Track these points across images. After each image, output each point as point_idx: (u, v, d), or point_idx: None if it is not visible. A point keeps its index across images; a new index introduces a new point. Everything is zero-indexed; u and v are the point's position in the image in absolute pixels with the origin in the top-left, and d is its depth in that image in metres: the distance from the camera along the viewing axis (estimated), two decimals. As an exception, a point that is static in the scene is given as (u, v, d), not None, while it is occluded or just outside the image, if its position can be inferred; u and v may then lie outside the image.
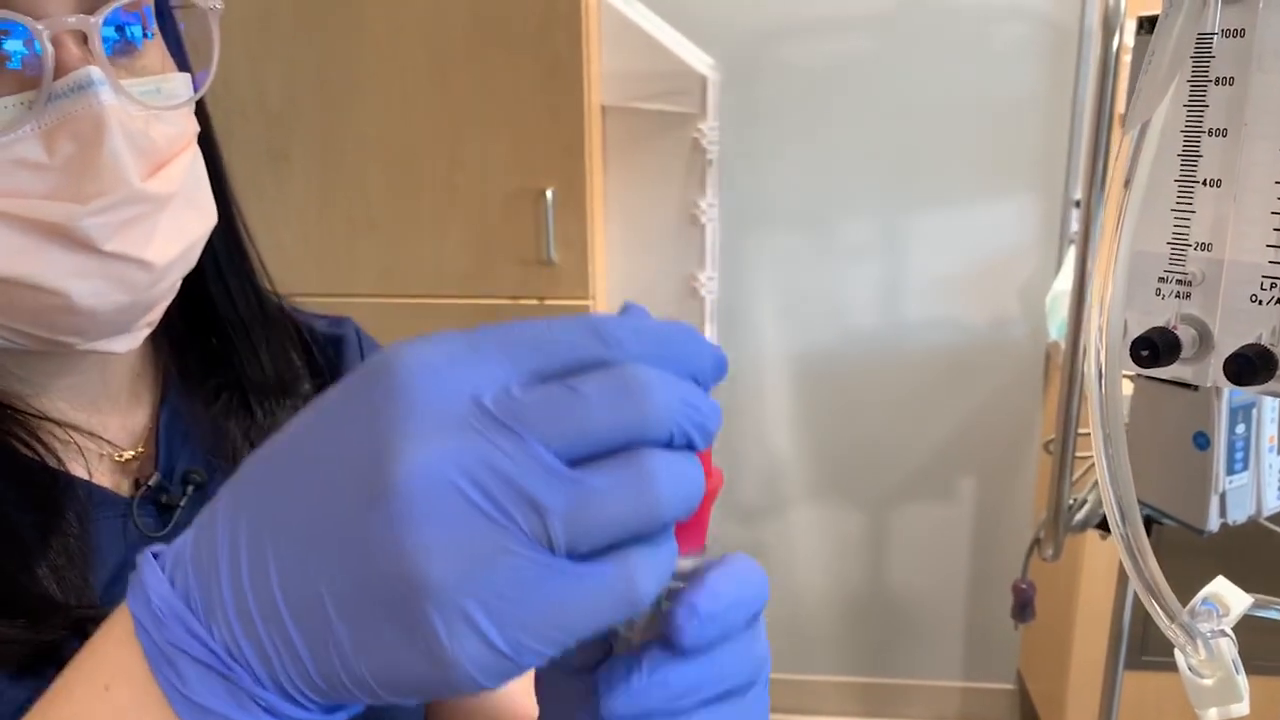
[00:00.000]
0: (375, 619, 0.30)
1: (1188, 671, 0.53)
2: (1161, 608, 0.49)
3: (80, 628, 0.50)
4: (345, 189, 1.64)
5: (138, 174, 0.49)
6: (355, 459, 0.31)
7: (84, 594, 0.51)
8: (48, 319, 0.50)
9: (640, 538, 0.32)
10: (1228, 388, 0.46)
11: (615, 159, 1.68)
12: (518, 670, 0.31)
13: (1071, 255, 2.11)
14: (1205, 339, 0.42)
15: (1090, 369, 0.42)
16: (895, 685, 2.51)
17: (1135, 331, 0.43)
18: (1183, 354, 0.42)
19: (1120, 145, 0.40)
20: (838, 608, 2.48)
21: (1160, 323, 0.42)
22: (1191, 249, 0.42)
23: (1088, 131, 1.30)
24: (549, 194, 1.56)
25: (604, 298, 1.71)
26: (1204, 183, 0.41)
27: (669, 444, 0.32)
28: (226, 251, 0.64)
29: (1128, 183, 0.39)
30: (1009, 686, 2.48)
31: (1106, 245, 0.42)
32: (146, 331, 0.55)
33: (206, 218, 0.56)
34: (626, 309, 0.35)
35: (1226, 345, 0.41)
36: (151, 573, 0.34)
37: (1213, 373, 0.42)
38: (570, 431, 0.31)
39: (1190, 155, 0.41)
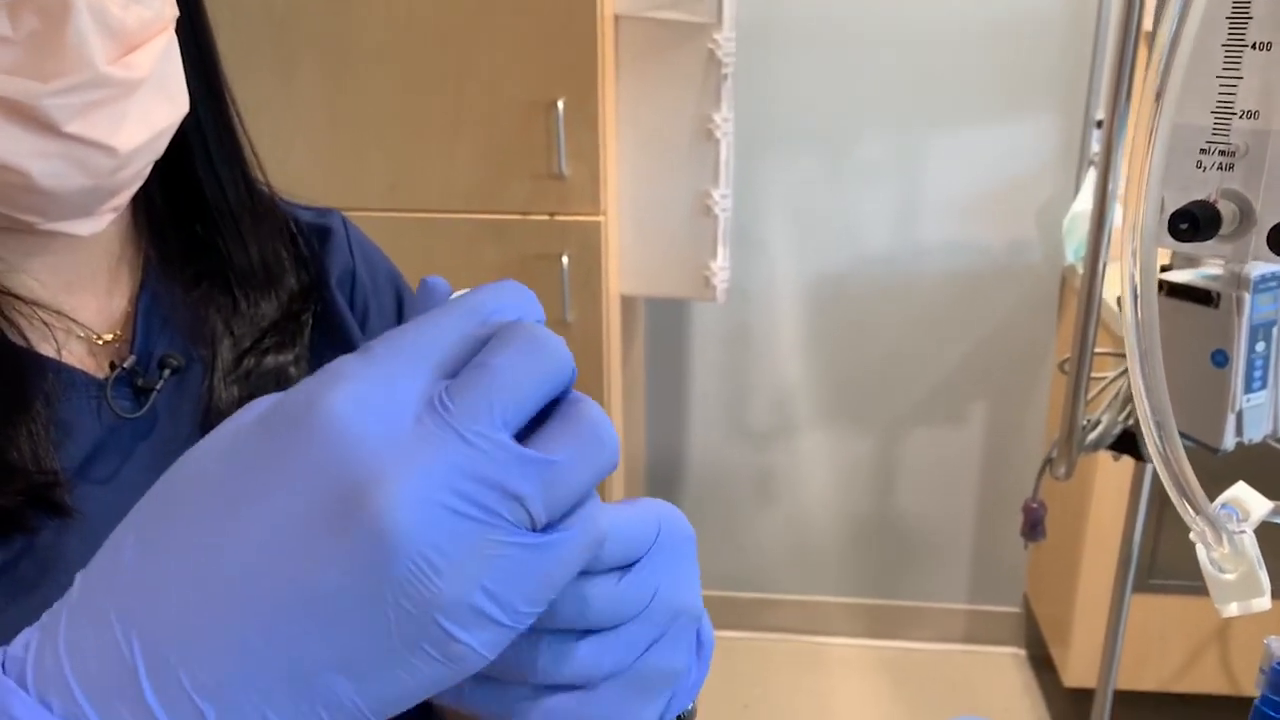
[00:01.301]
0: (380, 653, 0.31)
1: (1209, 567, 0.52)
2: (1187, 500, 0.48)
3: (40, 495, 0.51)
4: (353, 101, 1.61)
5: (104, 56, 0.48)
6: (315, 517, 0.30)
7: (45, 464, 0.52)
8: (8, 196, 0.49)
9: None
10: (1268, 262, 0.45)
11: (628, 70, 1.65)
12: (516, 633, 0.33)
13: (1091, 177, 2.08)
14: (1246, 215, 0.41)
15: (1130, 252, 0.40)
16: (901, 607, 2.53)
17: (1172, 208, 0.41)
18: (1222, 230, 0.41)
19: (1165, 5, 0.38)
20: (845, 530, 2.49)
21: (1200, 197, 0.41)
22: (1237, 118, 0.40)
23: (1112, 49, 1.27)
24: (560, 105, 1.53)
25: (615, 214, 1.69)
26: (1253, 46, 0.39)
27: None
28: (218, 138, 0.63)
29: (1173, 44, 0.37)
30: (1015, 610, 2.50)
31: (1144, 119, 0.40)
32: (111, 216, 0.54)
33: (178, 106, 0.55)
34: (428, 284, 0.37)
35: (1269, 219, 0.40)
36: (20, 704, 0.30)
37: (1253, 248, 0.40)
38: (508, 407, 0.32)
39: (1239, 17, 0.39)
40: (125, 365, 0.58)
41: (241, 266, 0.64)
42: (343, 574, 0.30)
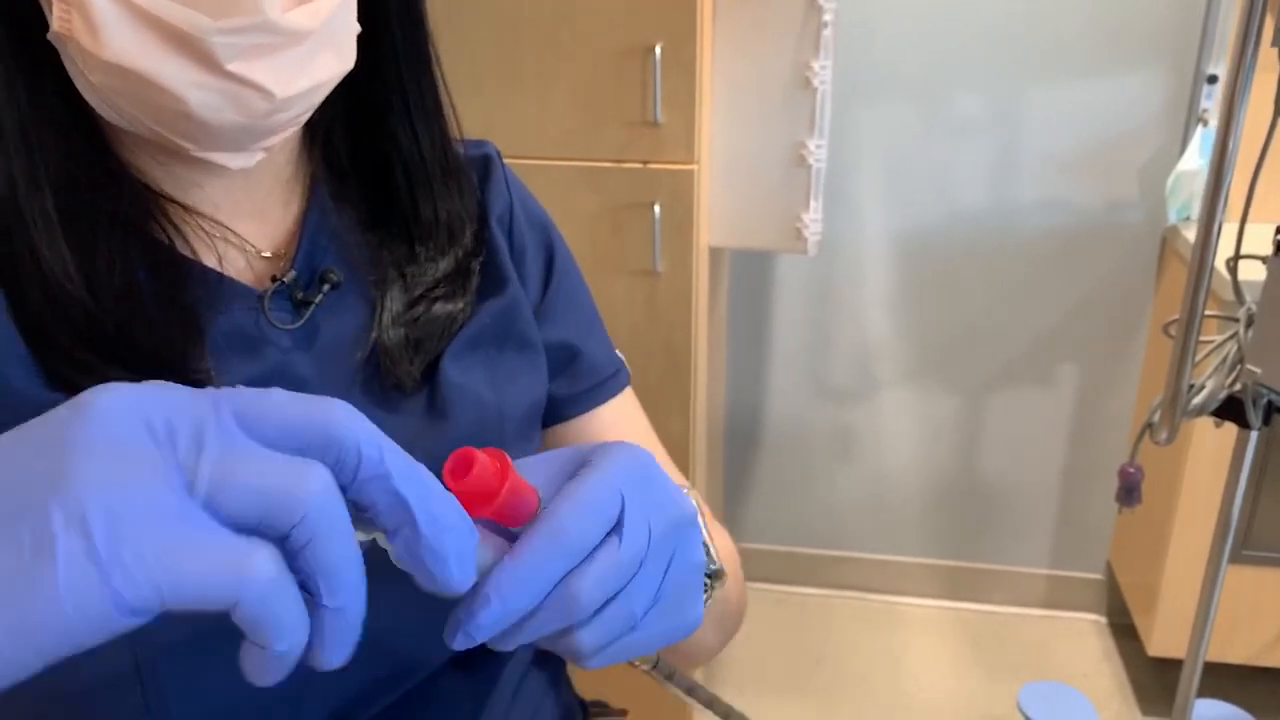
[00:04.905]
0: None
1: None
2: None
3: None
4: (448, 45, 1.60)
5: (279, 5, 0.49)
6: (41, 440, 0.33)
7: (196, 363, 0.54)
8: (165, 119, 0.51)
9: (278, 535, 0.33)
10: None
11: (726, 16, 1.62)
12: (114, 615, 0.30)
13: (1199, 135, 2.00)
14: None
15: None
16: (980, 570, 2.50)
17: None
18: None
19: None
20: (926, 491, 2.47)
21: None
22: None
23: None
24: (658, 51, 1.51)
25: (708, 162, 1.67)
26: None
27: (353, 471, 0.35)
28: (418, 94, 0.65)
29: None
30: (1098, 577, 2.46)
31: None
32: (262, 155, 0.56)
33: (344, 62, 0.55)
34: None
35: None
36: None
37: None
38: (264, 417, 0.33)
39: None
40: (285, 279, 0.60)
41: (426, 221, 0.65)
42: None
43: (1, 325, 0.51)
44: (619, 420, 0.75)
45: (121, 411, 0.32)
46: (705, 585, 0.54)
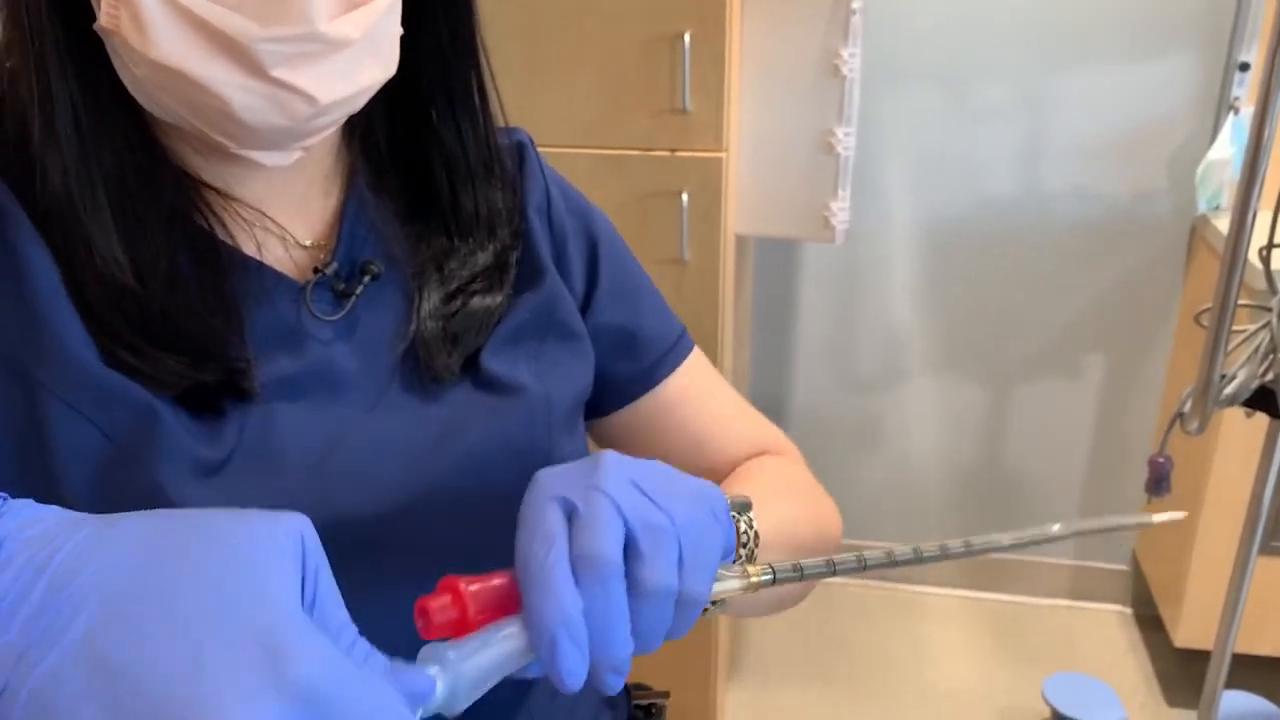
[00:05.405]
0: None
1: None
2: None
3: (232, 379, 0.54)
4: (476, 32, 1.60)
5: (326, 13, 0.50)
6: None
7: (236, 350, 0.55)
8: (207, 116, 0.52)
9: None
10: None
11: (755, 2, 1.61)
12: None
13: (1230, 123, 1.99)
14: None
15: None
16: (1005, 560, 2.50)
17: None
18: None
19: None
20: (950, 480, 2.46)
21: None
22: None
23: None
24: (686, 38, 1.50)
25: (736, 150, 1.67)
26: None
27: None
28: (464, 90, 0.65)
29: None
30: (1123, 568, 2.44)
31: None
32: (299, 154, 0.56)
33: (386, 68, 0.56)
34: None
35: None
36: None
37: None
38: None
39: None
40: (328, 270, 0.60)
41: (466, 215, 0.66)
42: None
43: (64, 303, 0.51)
44: (688, 387, 0.76)
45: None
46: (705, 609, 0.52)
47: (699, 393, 0.76)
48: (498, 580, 0.45)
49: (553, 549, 0.43)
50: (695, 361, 0.77)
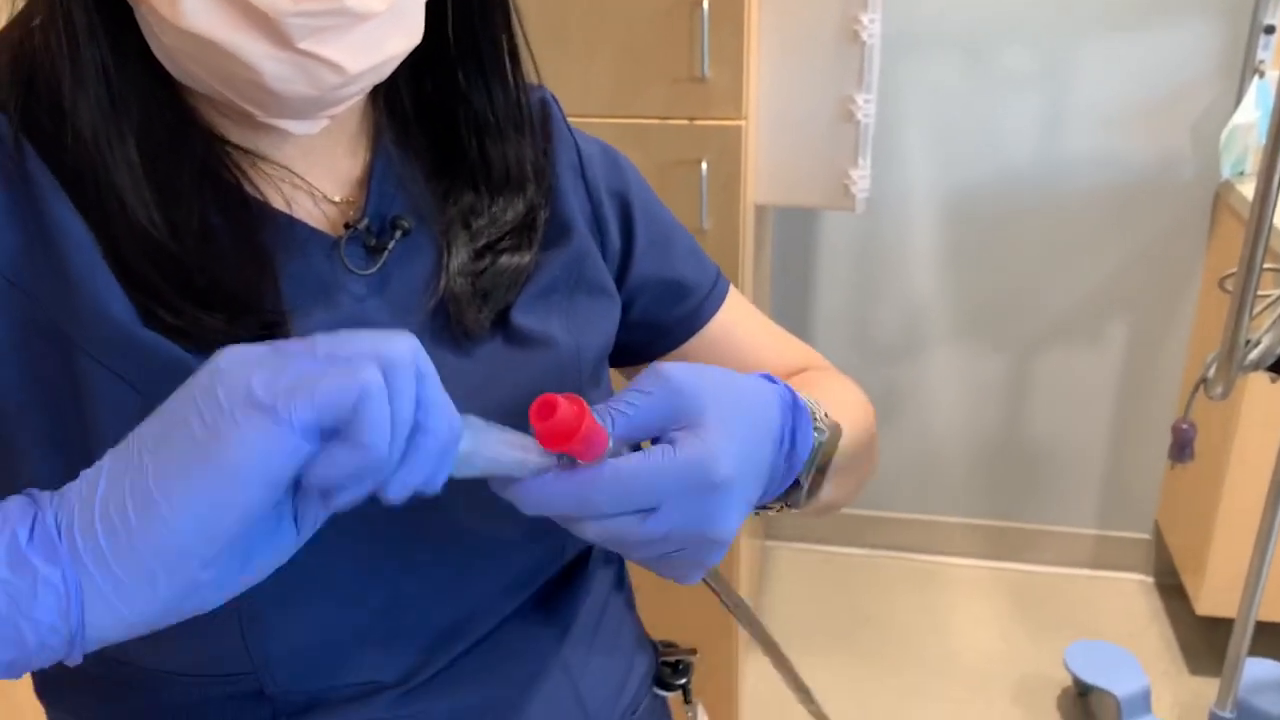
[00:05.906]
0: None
1: None
2: None
3: (269, 333, 0.55)
4: None
5: None
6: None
7: (271, 303, 0.56)
8: (235, 84, 0.52)
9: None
10: None
11: (774, -31, 1.60)
12: (290, 442, 0.40)
13: (1255, 87, 1.96)
14: None
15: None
16: (1026, 530, 2.49)
17: None
18: None
19: None
20: (971, 450, 2.46)
21: None
22: None
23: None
24: (705, 5, 1.49)
25: (755, 118, 1.66)
26: None
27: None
28: (493, 50, 0.65)
29: None
30: (1145, 537, 2.44)
31: None
32: (325, 122, 0.57)
33: (411, 36, 0.56)
34: None
35: None
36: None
37: None
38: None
39: None
40: (360, 226, 0.61)
41: (495, 172, 0.66)
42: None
43: (100, 265, 0.52)
44: (729, 324, 0.78)
45: (240, 351, 0.42)
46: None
47: (741, 325, 0.79)
48: (599, 439, 0.50)
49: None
50: (735, 304, 0.80)
